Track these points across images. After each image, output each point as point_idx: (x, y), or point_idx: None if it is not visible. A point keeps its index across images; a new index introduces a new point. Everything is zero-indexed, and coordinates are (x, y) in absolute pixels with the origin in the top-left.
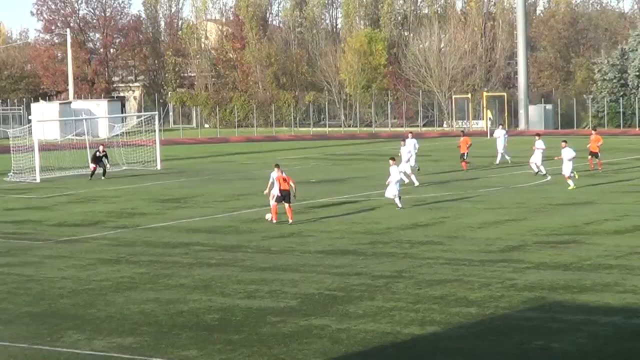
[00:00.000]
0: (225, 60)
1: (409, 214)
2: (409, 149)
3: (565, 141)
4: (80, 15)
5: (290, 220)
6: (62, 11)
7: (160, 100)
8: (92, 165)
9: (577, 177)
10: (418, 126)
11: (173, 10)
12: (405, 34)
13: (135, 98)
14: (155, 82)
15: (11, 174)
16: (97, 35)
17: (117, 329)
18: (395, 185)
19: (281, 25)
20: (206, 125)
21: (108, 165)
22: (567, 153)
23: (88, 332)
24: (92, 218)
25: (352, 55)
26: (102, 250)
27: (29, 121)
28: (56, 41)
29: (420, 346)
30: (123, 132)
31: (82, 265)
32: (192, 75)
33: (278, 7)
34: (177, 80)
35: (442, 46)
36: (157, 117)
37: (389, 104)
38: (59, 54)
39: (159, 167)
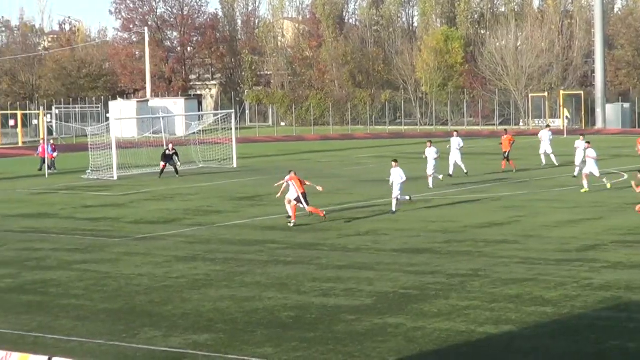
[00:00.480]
0: (302, 59)
1: (485, 212)
2: (453, 145)
3: (588, 142)
4: (158, 14)
5: (323, 214)
6: (140, 10)
7: (237, 99)
8: (161, 164)
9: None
10: (494, 124)
11: (250, 8)
12: (482, 32)
13: (212, 96)
14: (232, 80)
15: (89, 171)
16: (175, 34)
17: (193, 326)
18: (397, 187)
19: (357, 23)
20: (282, 124)
21: (179, 164)
22: (591, 154)
23: (164, 329)
24: (169, 216)
25: (429, 54)
26: (178, 247)
27: (107, 119)
28: (134, 40)
29: (495, 345)
30: (200, 130)
31: (158, 263)
32: (269, 73)
33: (354, 5)
34: (254, 79)
35: (519, 44)
36: (233, 115)
37: (465, 103)
38: (137, 53)
39: (235, 165)
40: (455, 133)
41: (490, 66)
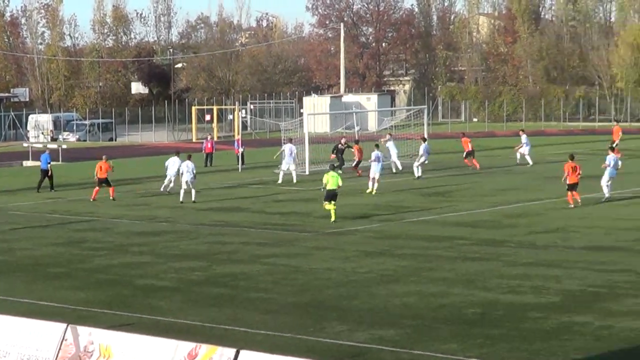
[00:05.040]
0: (496, 54)
1: None
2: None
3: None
4: (354, 10)
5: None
6: (336, 6)
7: (430, 94)
8: (332, 155)
9: None
10: None
11: (446, 4)
12: None
13: (405, 92)
14: (425, 76)
15: (281, 166)
16: (370, 30)
17: (379, 321)
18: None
19: (553, 19)
20: (474, 119)
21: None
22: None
23: (351, 323)
24: (359, 211)
25: (625, 49)
26: (367, 242)
27: (301, 114)
28: (329, 35)
29: None
30: (392, 126)
31: (347, 257)
32: (462, 69)
33: (551, 1)
34: (447, 74)
35: None
36: (425, 111)
37: None
38: (332, 48)
39: (426, 161)
40: (388, 135)
41: None
